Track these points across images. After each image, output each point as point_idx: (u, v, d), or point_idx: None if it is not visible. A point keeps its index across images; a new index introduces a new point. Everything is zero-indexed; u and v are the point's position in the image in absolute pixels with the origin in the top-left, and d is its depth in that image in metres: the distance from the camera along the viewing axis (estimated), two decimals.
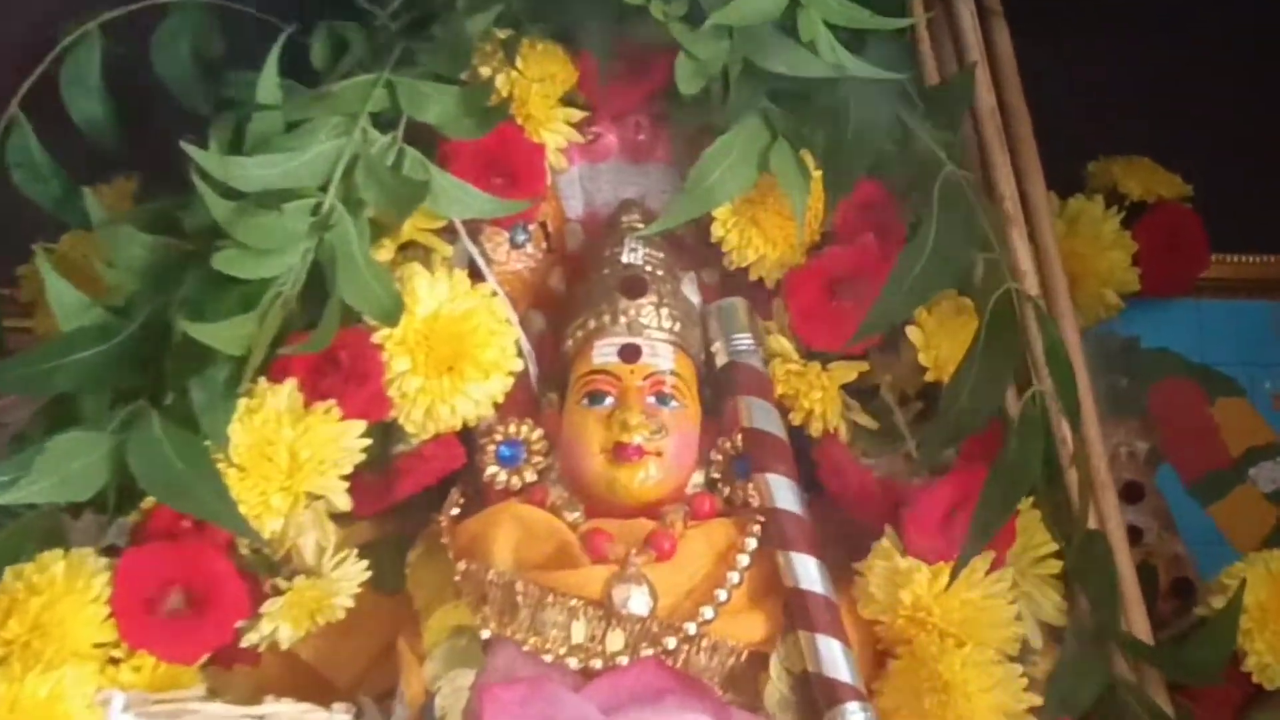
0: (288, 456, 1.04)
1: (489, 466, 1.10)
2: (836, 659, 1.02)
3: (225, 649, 1.05)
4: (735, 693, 1.04)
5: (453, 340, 1.07)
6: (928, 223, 1.06)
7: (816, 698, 1.02)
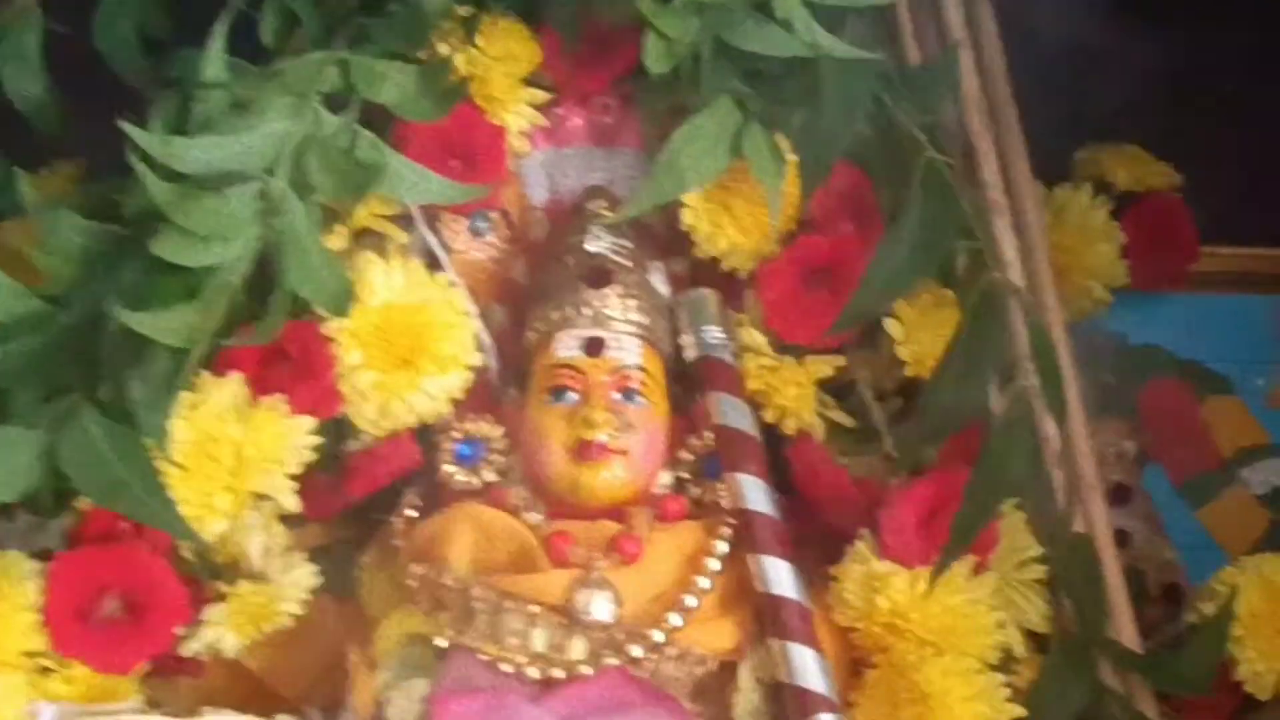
0: (232, 455, 1.02)
1: (446, 466, 1.08)
2: (810, 668, 1.00)
3: (166, 659, 1.03)
4: (704, 704, 1.02)
5: (408, 333, 1.05)
6: (908, 210, 1.04)
7: (788, 709, 1.00)
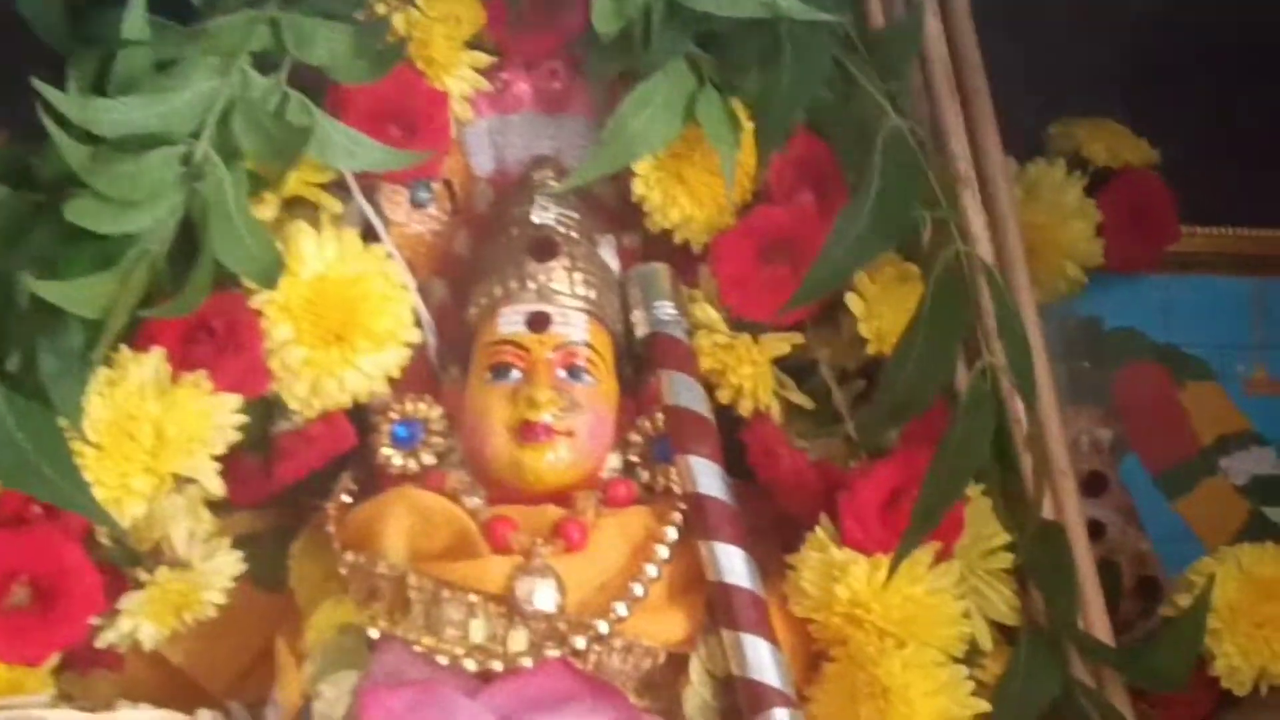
0: (152, 434, 1.00)
1: (383, 448, 1.06)
2: (764, 661, 0.99)
3: (80, 650, 1.02)
4: (651, 698, 1.01)
5: (342, 306, 1.04)
6: (870, 179, 1.03)
7: (741, 704, 0.99)
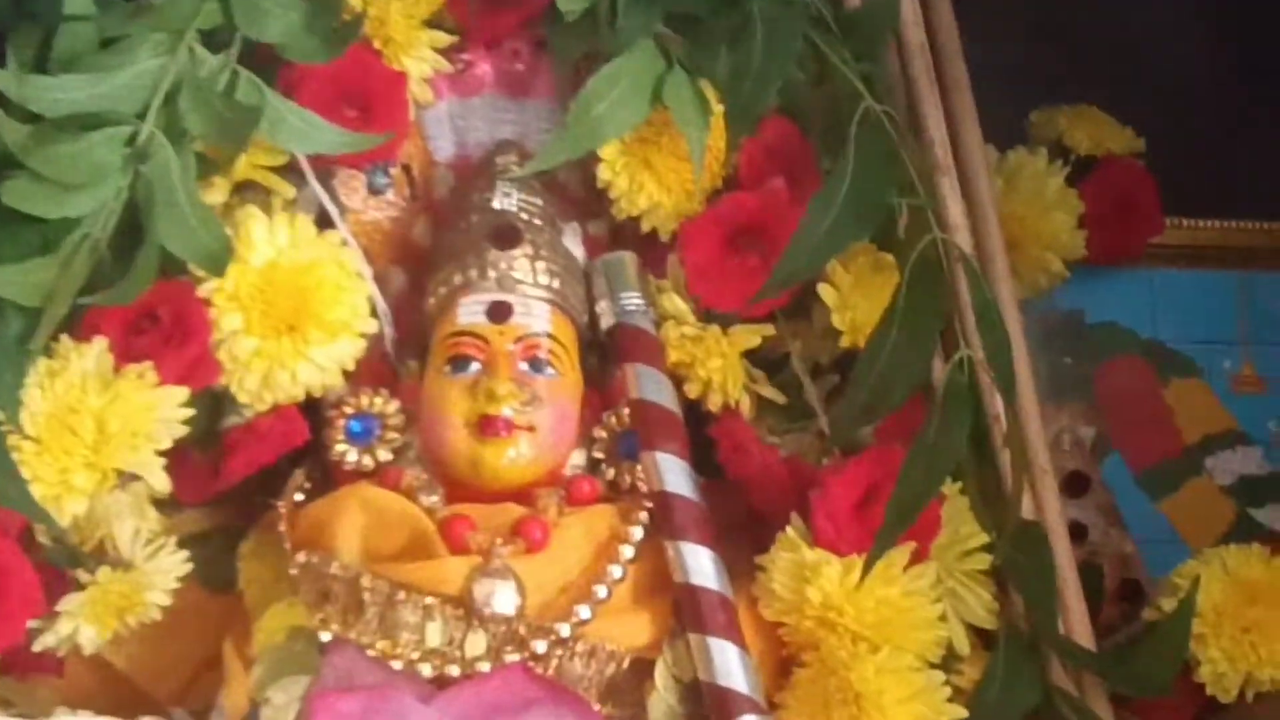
0: (94, 428, 0.98)
1: (337, 444, 1.06)
2: (732, 666, 0.98)
3: (18, 654, 1.00)
4: (615, 705, 1.00)
5: (294, 295, 1.03)
6: (844, 164, 1.02)
7: (708, 711, 0.99)
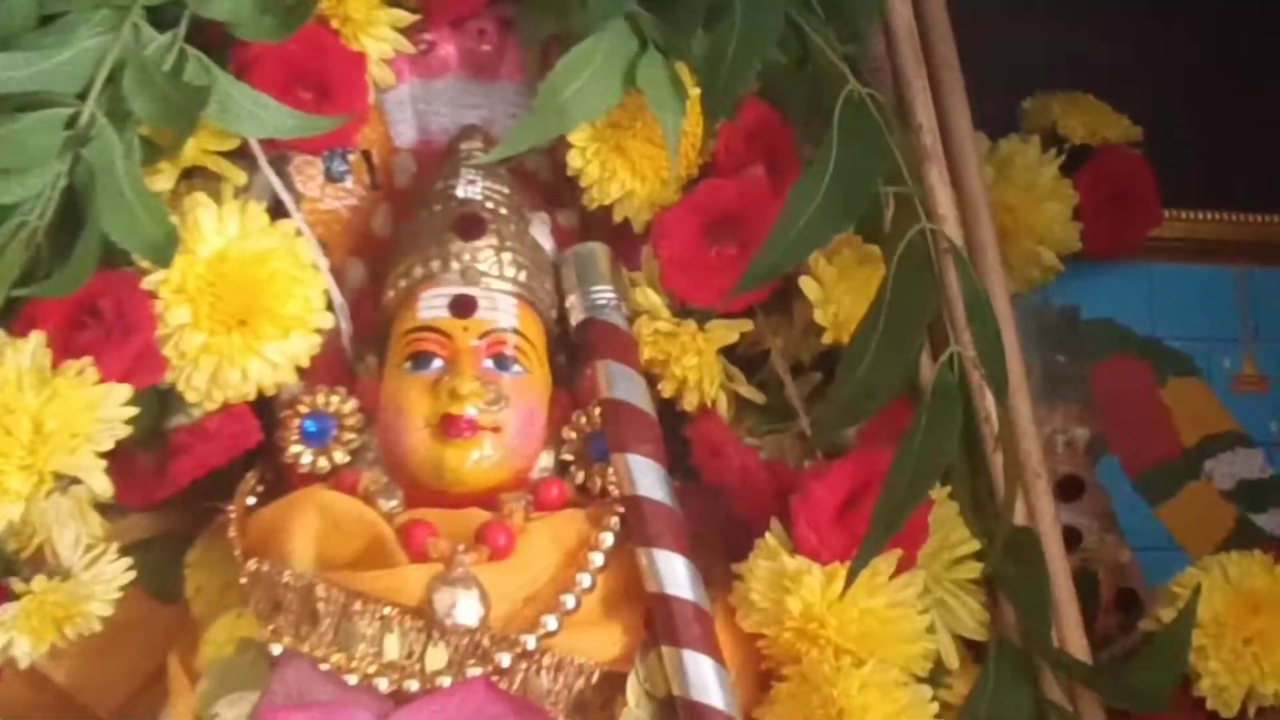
0: (30, 428, 0.97)
1: (291, 445, 1.05)
2: (708, 680, 0.97)
3: None
4: None
5: (245, 288, 1.02)
6: (827, 151, 1.01)
7: None
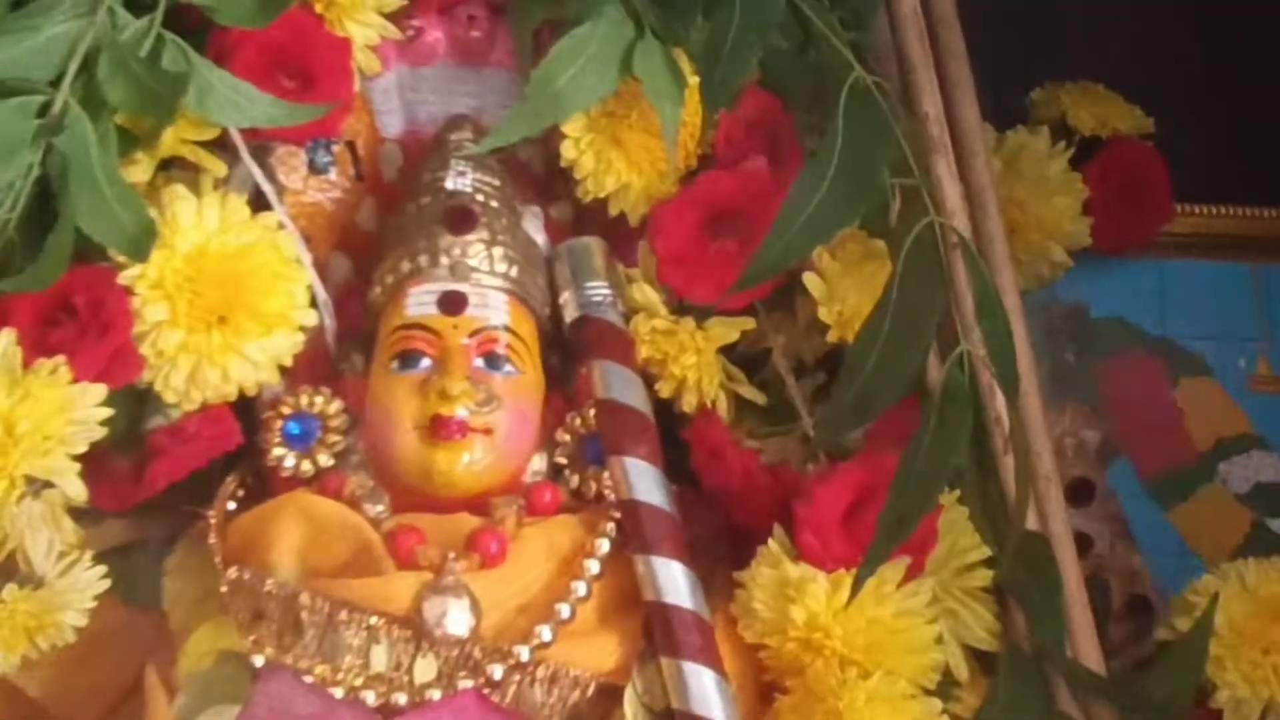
0: (1, 430, 0.96)
1: (273, 448, 1.05)
2: (708, 693, 0.97)
3: None
4: None
5: (225, 283, 1.01)
6: (831, 141, 1.01)
7: None
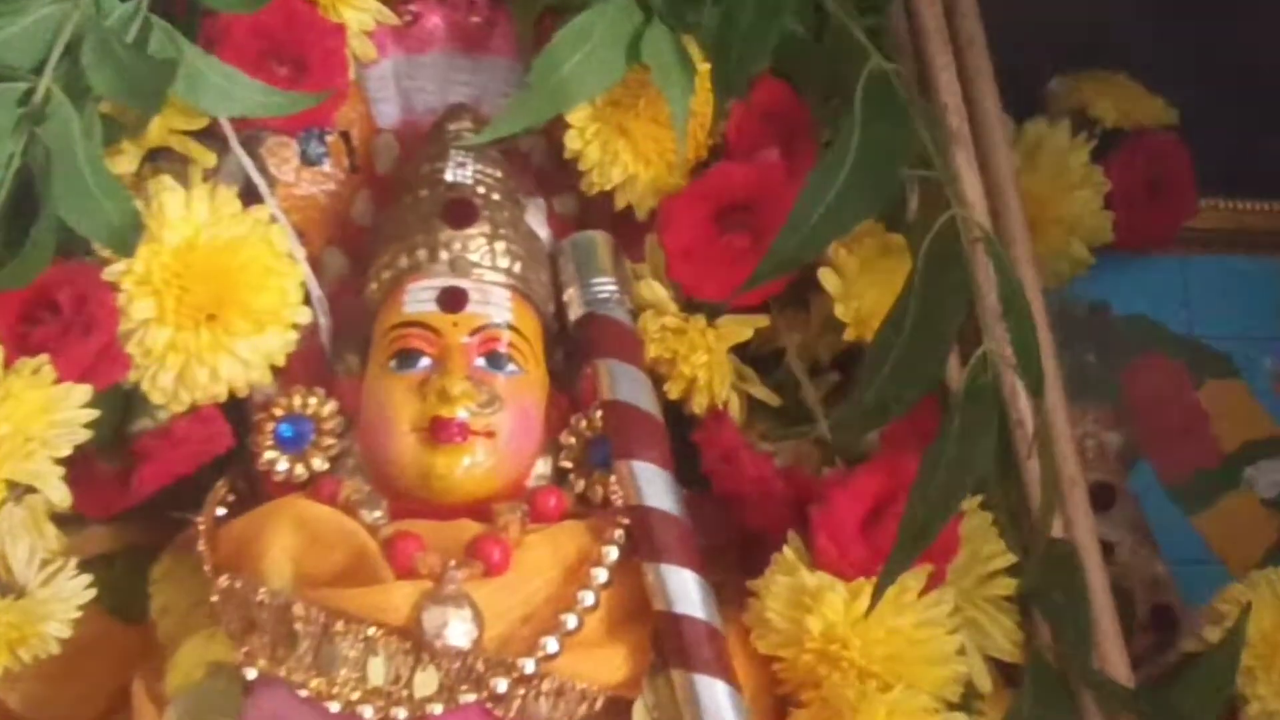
0: None
1: (265, 451, 1.04)
2: (721, 706, 0.96)
3: None
4: None
5: (215, 279, 1.01)
6: (848, 132, 1.00)
7: None
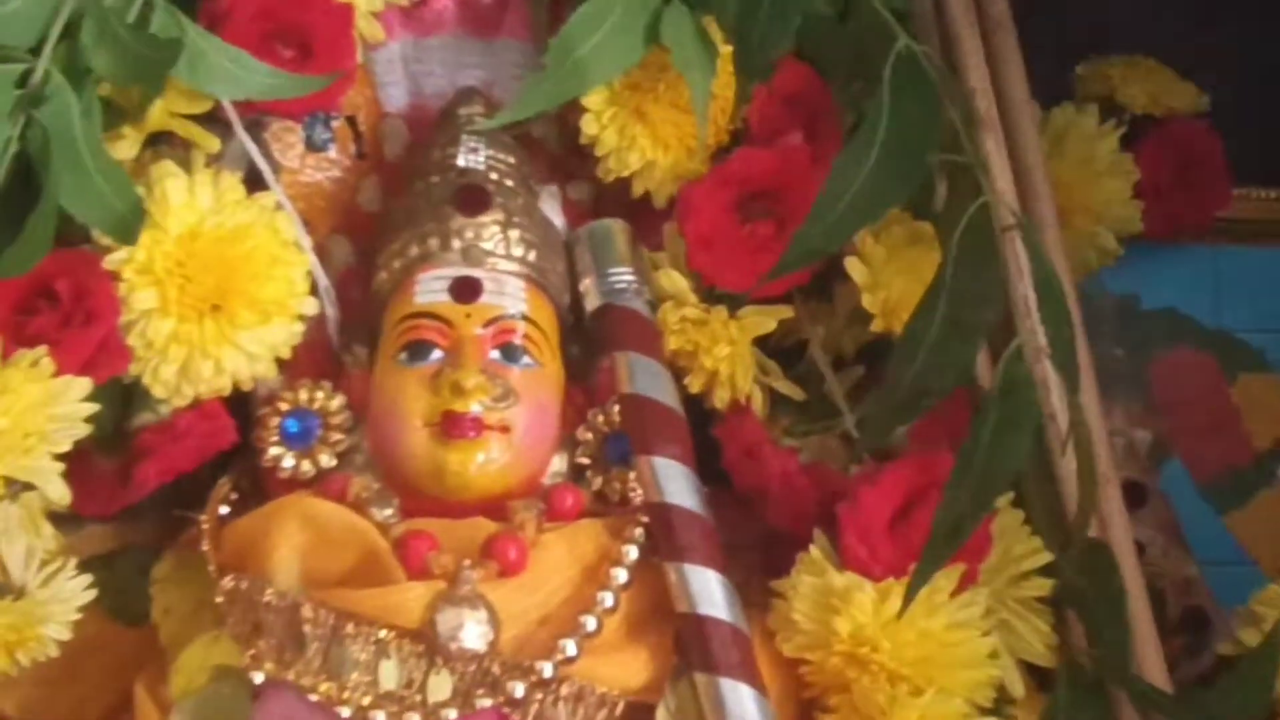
0: None
1: (270, 447, 1.04)
2: (747, 711, 0.96)
3: None
4: None
5: (219, 268, 1.01)
6: (876, 114, 1.00)
7: None
